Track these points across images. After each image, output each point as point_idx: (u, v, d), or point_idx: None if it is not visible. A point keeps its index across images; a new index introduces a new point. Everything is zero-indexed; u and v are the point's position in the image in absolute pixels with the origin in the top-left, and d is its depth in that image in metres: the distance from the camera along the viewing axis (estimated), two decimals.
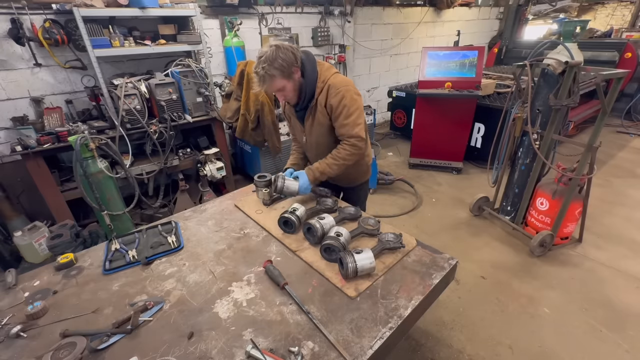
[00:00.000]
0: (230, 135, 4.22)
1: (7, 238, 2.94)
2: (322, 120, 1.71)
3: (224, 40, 3.87)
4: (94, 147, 2.47)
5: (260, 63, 1.52)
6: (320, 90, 1.65)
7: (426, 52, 3.99)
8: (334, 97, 1.62)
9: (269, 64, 1.51)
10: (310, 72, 1.63)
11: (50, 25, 2.72)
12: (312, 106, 1.70)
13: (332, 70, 1.70)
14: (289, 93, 1.65)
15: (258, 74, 1.54)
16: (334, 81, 1.64)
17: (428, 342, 2.10)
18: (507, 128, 2.99)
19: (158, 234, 1.70)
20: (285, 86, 1.60)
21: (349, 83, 1.67)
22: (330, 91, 1.62)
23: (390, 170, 4.23)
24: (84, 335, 1.13)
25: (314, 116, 1.73)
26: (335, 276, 1.36)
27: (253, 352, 1.02)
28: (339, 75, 1.70)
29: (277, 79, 1.55)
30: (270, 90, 1.63)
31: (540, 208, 2.86)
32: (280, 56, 1.51)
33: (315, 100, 1.67)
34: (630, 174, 4.25)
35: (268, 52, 1.52)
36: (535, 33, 9.13)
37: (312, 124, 1.76)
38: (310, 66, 1.63)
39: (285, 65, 1.53)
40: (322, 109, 1.68)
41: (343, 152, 1.70)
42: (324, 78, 1.65)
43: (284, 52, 1.52)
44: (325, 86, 1.64)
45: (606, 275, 2.61)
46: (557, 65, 2.40)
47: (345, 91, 1.62)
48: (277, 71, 1.53)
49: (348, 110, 1.63)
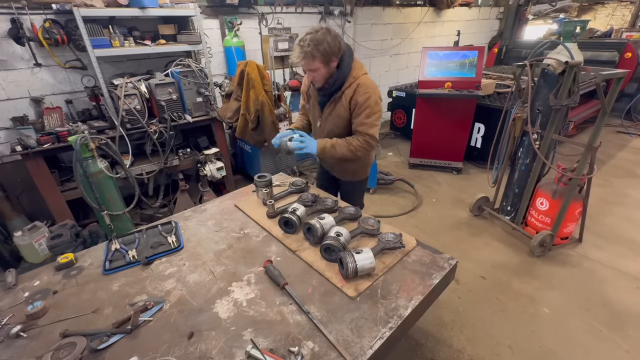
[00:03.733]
0: (230, 135, 4.22)
1: (7, 238, 2.93)
2: (342, 113, 1.80)
3: (224, 40, 3.87)
4: (94, 147, 2.47)
5: (308, 40, 1.58)
6: (349, 85, 1.74)
7: (426, 52, 3.99)
8: (361, 95, 1.71)
9: (314, 45, 1.57)
10: (346, 66, 1.71)
11: (50, 25, 2.71)
12: (337, 96, 1.78)
13: (363, 69, 1.80)
14: (319, 77, 1.71)
15: (302, 47, 1.60)
16: (365, 81, 1.73)
17: (428, 342, 2.10)
18: (507, 128, 2.99)
19: (158, 234, 1.70)
20: (319, 69, 1.66)
21: (376, 87, 1.76)
22: (359, 89, 1.71)
23: (390, 170, 4.23)
24: (84, 335, 1.13)
25: (335, 106, 1.81)
26: (335, 276, 1.36)
27: (253, 352, 1.02)
28: (368, 77, 1.79)
29: (316, 60, 1.62)
30: (305, 67, 1.69)
31: (540, 208, 2.86)
32: (328, 41, 1.59)
33: (342, 92, 1.75)
34: (630, 174, 4.25)
35: (319, 33, 1.59)
36: (535, 33, 9.12)
37: (331, 113, 1.84)
38: (347, 60, 1.71)
39: (328, 51, 1.60)
40: (345, 103, 1.76)
41: (356, 143, 1.78)
42: (355, 75, 1.74)
43: (332, 38, 1.60)
44: (355, 83, 1.73)
45: (606, 275, 2.61)
46: (557, 65, 2.40)
47: (372, 93, 1.72)
48: (319, 54, 1.60)
49: (371, 111, 1.73)
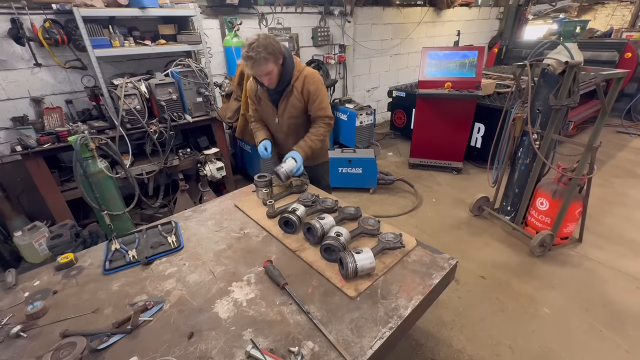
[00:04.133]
0: (230, 135, 4.22)
1: (7, 238, 2.93)
2: (297, 104, 1.97)
3: (224, 40, 3.87)
4: (94, 147, 2.47)
5: (254, 48, 1.68)
6: (296, 78, 1.92)
7: (426, 52, 3.98)
8: (311, 85, 1.92)
9: (264, 49, 1.68)
10: (290, 61, 1.87)
11: (50, 25, 2.71)
12: (288, 91, 1.94)
13: (302, 63, 1.99)
14: (274, 77, 1.84)
15: (252, 57, 1.69)
16: (309, 72, 1.95)
17: (428, 342, 2.10)
18: (507, 128, 2.99)
19: (158, 234, 1.70)
20: (272, 70, 1.79)
21: (317, 73, 1.99)
22: (307, 80, 1.92)
23: (390, 170, 4.23)
24: (84, 335, 1.13)
25: (289, 99, 1.97)
26: (335, 276, 1.36)
27: (253, 352, 1.02)
28: (308, 67, 1.99)
29: (270, 62, 1.74)
30: (260, 73, 1.78)
31: (540, 208, 2.86)
32: (272, 43, 1.73)
33: (292, 86, 1.92)
34: (630, 174, 4.24)
35: (260, 39, 1.69)
36: (535, 33, 9.12)
37: (286, 106, 2.00)
38: (288, 56, 1.88)
39: (276, 51, 1.75)
40: (297, 94, 1.95)
41: (321, 129, 2.03)
42: (299, 68, 1.93)
43: (273, 40, 1.74)
44: (302, 75, 1.92)
45: (606, 275, 2.61)
46: (557, 65, 2.40)
47: (318, 82, 1.95)
48: (270, 56, 1.72)
49: (322, 96, 1.97)
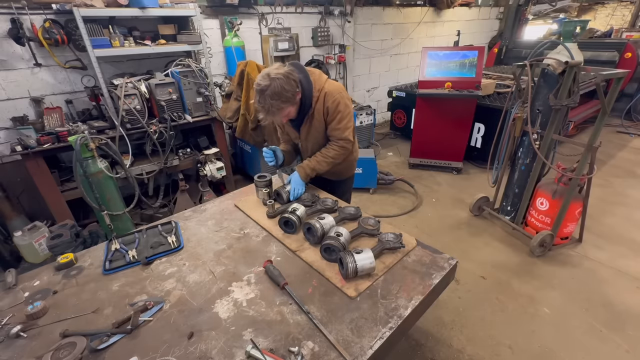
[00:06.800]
0: (230, 135, 4.22)
1: (7, 238, 2.93)
2: (319, 126, 1.80)
3: (224, 40, 3.87)
4: (94, 147, 2.47)
5: (267, 98, 1.53)
6: (316, 99, 1.72)
7: (426, 52, 3.98)
8: (331, 102, 1.71)
9: (277, 99, 1.55)
10: (307, 86, 1.69)
11: (50, 25, 2.71)
12: (309, 115, 1.77)
13: (323, 77, 1.78)
14: (293, 114, 1.72)
15: (265, 108, 1.57)
16: (330, 88, 1.72)
17: (428, 342, 2.10)
18: (507, 128, 2.99)
19: (158, 234, 1.70)
20: (290, 111, 1.68)
21: (342, 90, 1.77)
22: (327, 98, 1.71)
23: (390, 170, 4.23)
24: (84, 335, 1.13)
25: (311, 123, 1.80)
26: (335, 276, 1.36)
27: (253, 352, 1.02)
28: (331, 81, 1.78)
29: (285, 109, 1.63)
30: (278, 120, 1.69)
31: (540, 208, 2.86)
32: (285, 87, 1.55)
33: (312, 109, 1.74)
34: (630, 174, 4.24)
35: (272, 85, 1.52)
36: (535, 33, 9.12)
37: (309, 130, 1.84)
38: (305, 81, 1.68)
39: (291, 95, 1.59)
40: (319, 116, 1.76)
41: (332, 152, 1.83)
42: (319, 87, 1.72)
43: (287, 82, 1.55)
44: (322, 94, 1.72)
45: (606, 276, 2.61)
46: (557, 65, 2.40)
47: (340, 98, 1.72)
48: (286, 103, 1.60)
49: (341, 116, 1.75)
